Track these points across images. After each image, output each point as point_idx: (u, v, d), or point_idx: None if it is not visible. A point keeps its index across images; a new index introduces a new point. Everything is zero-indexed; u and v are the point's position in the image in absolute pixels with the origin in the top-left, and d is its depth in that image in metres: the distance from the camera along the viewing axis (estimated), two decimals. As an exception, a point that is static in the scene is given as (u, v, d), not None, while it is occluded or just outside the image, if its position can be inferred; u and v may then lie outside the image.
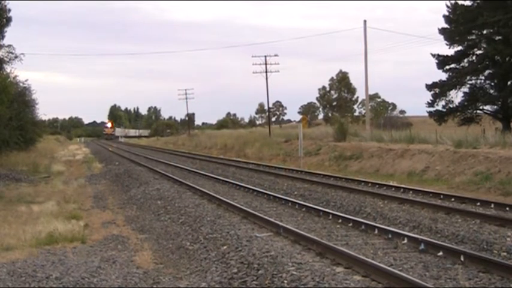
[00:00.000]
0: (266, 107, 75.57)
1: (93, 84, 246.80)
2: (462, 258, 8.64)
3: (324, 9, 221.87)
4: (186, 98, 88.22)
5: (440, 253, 9.13)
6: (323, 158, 33.09)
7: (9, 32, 39.31)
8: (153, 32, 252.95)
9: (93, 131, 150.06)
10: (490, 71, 40.40)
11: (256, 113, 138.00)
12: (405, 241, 10.04)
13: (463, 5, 41.05)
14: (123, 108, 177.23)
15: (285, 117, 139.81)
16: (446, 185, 20.52)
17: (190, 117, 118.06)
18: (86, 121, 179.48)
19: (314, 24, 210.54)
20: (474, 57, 41.43)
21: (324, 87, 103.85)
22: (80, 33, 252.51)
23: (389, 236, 10.49)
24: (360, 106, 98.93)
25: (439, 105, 42.98)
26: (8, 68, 33.20)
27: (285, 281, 7.60)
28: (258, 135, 52.02)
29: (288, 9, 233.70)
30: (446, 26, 41.84)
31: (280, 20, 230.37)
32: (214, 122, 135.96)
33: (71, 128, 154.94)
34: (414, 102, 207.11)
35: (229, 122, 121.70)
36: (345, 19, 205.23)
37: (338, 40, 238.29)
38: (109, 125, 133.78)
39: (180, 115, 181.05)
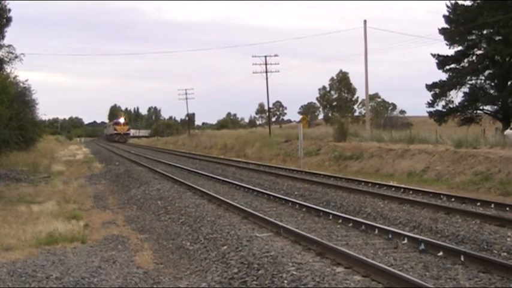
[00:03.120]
0: (266, 107, 75.61)
1: (93, 84, 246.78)
2: (462, 258, 8.64)
3: (322, 10, 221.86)
4: (186, 98, 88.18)
5: (441, 253, 9.13)
6: (323, 158, 33.09)
7: (9, 32, 39.43)
8: (153, 32, 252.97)
9: (93, 131, 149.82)
10: (490, 71, 40.46)
11: (256, 113, 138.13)
12: (405, 241, 10.05)
13: (463, 5, 41.11)
14: (123, 108, 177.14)
15: (285, 117, 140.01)
16: (446, 185, 20.53)
17: (190, 117, 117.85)
18: (86, 121, 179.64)
19: (313, 25, 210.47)
20: (474, 57, 41.50)
21: (324, 87, 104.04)
22: (80, 33, 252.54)
23: (390, 236, 10.49)
24: (360, 106, 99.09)
25: (439, 105, 43.13)
26: (8, 68, 33.30)
27: (285, 281, 7.60)
28: (258, 135, 52.02)
29: (286, 9, 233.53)
30: (446, 26, 41.89)
31: (280, 20, 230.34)
32: (214, 122, 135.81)
33: (71, 128, 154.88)
34: (414, 102, 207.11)
35: (229, 122, 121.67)
36: (343, 19, 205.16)
37: (338, 40, 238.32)
38: (121, 120, 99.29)
39: (180, 115, 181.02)
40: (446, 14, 41.92)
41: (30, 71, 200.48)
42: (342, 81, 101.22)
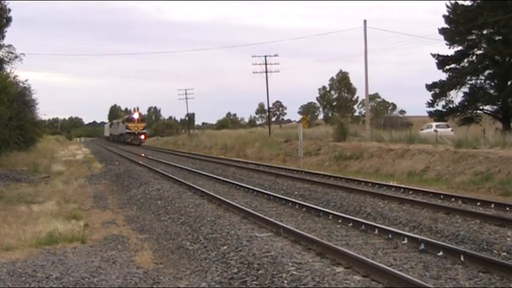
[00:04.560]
0: (266, 107, 75.58)
1: (93, 84, 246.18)
2: (462, 258, 8.64)
3: (321, 10, 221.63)
4: (186, 98, 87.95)
5: (440, 253, 9.13)
6: (323, 158, 33.09)
7: (9, 32, 39.43)
8: (153, 32, 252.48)
9: (93, 131, 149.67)
10: (490, 71, 40.46)
11: (256, 113, 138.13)
12: (405, 241, 10.05)
13: (463, 5, 41.10)
14: (123, 108, 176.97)
15: (285, 117, 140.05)
16: (446, 185, 20.52)
17: (190, 117, 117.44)
18: (86, 121, 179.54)
19: (312, 25, 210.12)
20: (474, 57, 41.49)
21: (324, 87, 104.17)
22: (80, 33, 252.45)
23: (390, 236, 10.49)
24: (360, 106, 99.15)
25: (439, 105, 43.11)
26: (8, 68, 33.30)
27: (285, 281, 7.60)
28: (258, 135, 52.00)
29: (286, 9, 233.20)
30: (446, 26, 41.88)
31: (280, 20, 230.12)
32: (214, 122, 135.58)
33: (71, 128, 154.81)
34: (414, 102, 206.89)
35: (229, 122, 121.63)
36: (342, 19, 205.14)
37: (338, 40, 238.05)
38: (136, 115, 75.30)
39: (180, 115, 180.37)
40: (446, 14, 41.92)
41: (30, 71, 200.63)
42: (342, 81, 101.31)
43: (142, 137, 74.26)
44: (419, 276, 7.89)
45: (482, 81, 41.60)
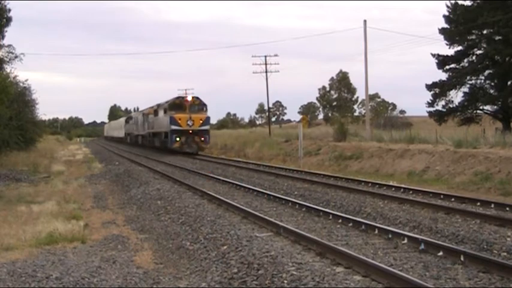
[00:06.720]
0: (266, 107, 75.61)
1: (93, 84, 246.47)
2: (462, 258, 8.65)
3: (320, 10, 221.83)
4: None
5: (441, 253, 9.13)
6: (323, 158, 33.10)
7: (10, 32, 39.41)
8: (152, 32, 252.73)
9: (93, 131, 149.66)
10: (490, 71, 40.44)
11: (256, 113, 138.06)
12: (405, 241, 10.05)
13: (463, 5, 41.10)
14: (123, 108, 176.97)
15: (285, 117, 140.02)
16: (446, 185, 20.53)
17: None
18: (86, 121, 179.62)
19: (312, 25, 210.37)
20: (474, 57, 41.47)
21: (324, 87, 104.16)
22: (80, 33, 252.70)
23: (390, 236, 10.49)
24: (360, 106, 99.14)
25: (439, 105, 43.09)
26: (8, 68, 33.26)
27: (285, 281, 7.60)
28: (258, 135, 52.04)
29: (285, 9, 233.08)
30: (446, 26, 41.88)
31: (279, 20, 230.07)
32: (214, 122, 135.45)
33: (71, 128, 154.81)
34: (414, 102, 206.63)
35: (229, 122, 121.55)
36: (342, 19, 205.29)
37: (338, 40, 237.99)
38: (189, 98, 40.05)
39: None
40: (446, 14, 41.93)
41: (30, 71, 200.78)
42: (342, 81, 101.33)
43: (204, 139, 40.18)
44: (420, 276, 7.89)
45: (482, 81, 41.58)
